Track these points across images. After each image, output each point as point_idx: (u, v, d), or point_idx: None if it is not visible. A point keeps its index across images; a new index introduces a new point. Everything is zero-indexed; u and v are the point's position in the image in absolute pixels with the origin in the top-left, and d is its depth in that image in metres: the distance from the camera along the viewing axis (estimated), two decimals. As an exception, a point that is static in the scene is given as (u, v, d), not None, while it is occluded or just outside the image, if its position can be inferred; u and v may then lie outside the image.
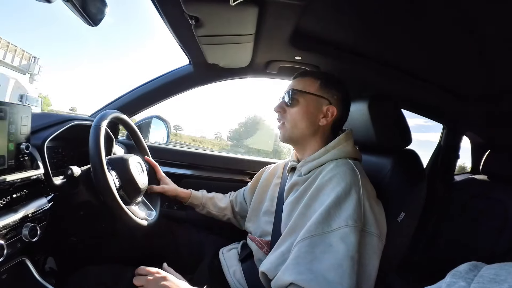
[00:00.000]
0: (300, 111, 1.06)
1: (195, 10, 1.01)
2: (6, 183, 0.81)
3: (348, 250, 0.78)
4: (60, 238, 1.20)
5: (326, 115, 1.05)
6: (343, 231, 0.80)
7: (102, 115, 1.09)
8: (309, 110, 1.05)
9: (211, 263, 1.24)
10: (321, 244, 0.81)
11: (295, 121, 1.07)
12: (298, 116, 1.06)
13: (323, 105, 1.06)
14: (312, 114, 1.05)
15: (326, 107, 1.05)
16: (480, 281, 0.39)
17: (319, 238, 0.82)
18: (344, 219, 0.82)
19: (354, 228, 0.80)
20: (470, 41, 1.06)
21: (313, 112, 1.05)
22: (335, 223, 0.82)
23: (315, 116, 1.06)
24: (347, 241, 0.79)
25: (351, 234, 0.80)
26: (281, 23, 1.16)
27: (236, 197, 1.49)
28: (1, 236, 0.78)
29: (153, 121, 1.83)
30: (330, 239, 0.81)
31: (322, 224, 0.83)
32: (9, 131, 0.82)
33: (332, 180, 0.92)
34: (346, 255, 0.78)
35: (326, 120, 1.05)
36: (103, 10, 0.90)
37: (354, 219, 0.82)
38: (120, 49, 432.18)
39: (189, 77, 1.70)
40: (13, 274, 0.91)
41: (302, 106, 1.06)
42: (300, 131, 1.07)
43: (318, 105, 1.06)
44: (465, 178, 2.13)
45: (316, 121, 1.06)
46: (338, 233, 0.81)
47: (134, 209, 1.15)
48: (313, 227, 0.84)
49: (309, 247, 0.82)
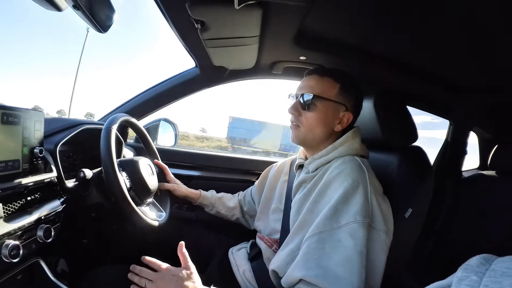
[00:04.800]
0: (317, 116, 1.04)
1: (200, 14, 1.02)
2: (21, 186, 0.83)
3: (356, 245, 0.79)
4: (72, 240, 1.22)
5: (341, 121, 1.05)
6: (352, 226, 0.81)
7: (112, 118, 1.11)
8: (327, 117, 1.04)
9: (221, 263, 1.25)
10: (330, 240, 0.82)
11: (311, 126, 1.05)
12: (315, 122, 1.05)
13: (340, 112, 1.05)
14: (330, 120, 1.05)
15: (343, 113, 1.05)
16: (492, 275, 0.39)
17: (328, 234, 0.83)
18: (353, 214, 0.82)
19: (362, 224, 0.81)
20: (475, 34, 1.05)
21: (330, 119, 1.05)
22: (343, 219, 0.83)
23: (332, 123, 1.05)
24: (355, 236, 0.80)
25: (359, 230, 0.80)
26: (285, 24, 1.17)
27: (244, 196, 1.50)
28: (17, 237, 0.80)
29: (161, 124, 1.84)
30: (339, 235, 0.82)
31: (330, 220, 0.84)
32: (23, 136, 0.84)
33: (339, 176, 0.92)
34: (355, 250, 0.78)
35: (342, 126, 1.06)
36: (111, 17, 0.92)
37: (362, 214, 0.82)
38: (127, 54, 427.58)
39: (196, 79, 1.71)
40: (27, 275, 0.93)
41: (320, 112, 1.04)
42: (315, 136, 1.06)
43: (335, 112, 1.05)
44: (473, 174, 2.11)
45: (332, 126, 1.05)
46: (346, 229, 0.81)
47: (145, 210, 1.17)
48: (322, 223, 0.85)
49: (318, 243, 0.83)
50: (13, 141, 0.81)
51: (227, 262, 1.23)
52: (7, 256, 0.74)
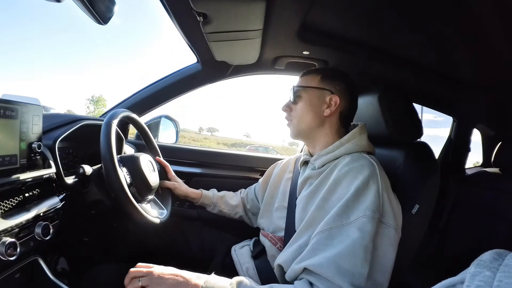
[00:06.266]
0: (304, 105, 1.08)
1: (203, 6, 1.00)
2: (19, 181, 0.81)
3: (363, 239, 0.78)
4: (72, 238, 1.21)
5: (329, 105, 1.06)
6: (361, 221, 0.80)
7: (113, 114, 1.10)
8: (312, 103, 1.07)
9: (224, 261, 1.25)
10: (339, 236, 0.81)
11: (301, 115, 1.09)
12: (303, 110, 1.09)
13: (326, 96, 1.06)
14: (316, 106, 1.07)
15: (329, 97, 1.06)
16: (505, 270, 0.38)
17: (338, 230, 0.82)
18: (362, 210, 0.82)
19: (371, 219, 0.80)
20: (479, 31, 1.05)
21: (317, 104, 1.07)
22: (353, 215, 0.82)
23: (319, 107, 1.07)
24: (363, 230, 0.79)
25: (368, 224, 0.79)
26: (288, 17, 1.16)
27: (247, 194, 1.49)
28: (14, 234, 0.78)
29: (162, 121, 1.83)
30: (348, 231, 0.81)
31: (340, 216, 0.83)
32: (21, 130, 0.82)
33: (349, 173, 0.91)
34: (361, 243, 0.78)
35: (330, 110, 1.06)
36: (111, 9, 0.90)
37: (372, 209, 0.81)
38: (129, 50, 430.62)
39: (197, 75, 1.70)
40: (26, 273, 0.91)
41: (306, 100, 1.09)
42: (306, 124, 1.08)
43: (321, 97, 1.07)
44: (477, 171, 2.10)
45: (321, 112, 1.06)
46: (356, 224, 0.80)
47: (146, 207, 1.15)
48: (331, 220, 0.84)
49: (327, 239, 0.82)
50: (10, 135, 0.79)
51: (230, 260, 1.23)
52: (3, 254, 0.72)
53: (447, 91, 1.68)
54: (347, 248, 0.78)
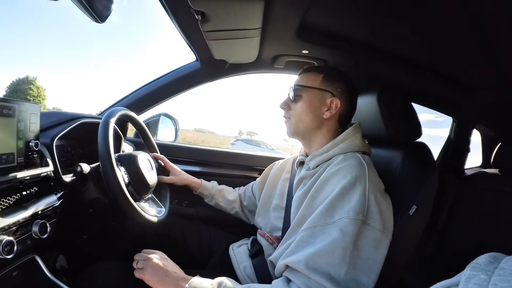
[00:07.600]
0: (304, 105, 1.07)
1: (201, 4, 1.00)
2: (16, 180, 0.81)
3: (343, 241, 0.79)
4: (71, 236, 1.21)
5: (330, 107, 1.05)
6: (343, 222, 0.81)
7: (111, 112, 1.09)
8: (313, 104, 1.06)
9: (221, 259, 1.25)
10: (322, 234, 0.82)
11: (300, 115, 1.08)
12: (303, 111, 1.07)
13: (327, 98, 1.06)
14: (316, 107, 1.06)
15: (329, 99, 1.05)
16: (501, 273, 0.38)
17: (321, 229, 0.83)
18: (346, 210, 0.82)
19: (354, 220, 0.80)
20: (480, 32, 1.04)
21: (317, 106, 1.06)
22: (337, 214, 0.83)
23: (319, 109, 1.06)
24: (344, 231, 0.80)
25: (349, 225, 0.80)
26: (287, 16, 1.15)
27: (244, 191, 1.50)
28: (12, 233, 0.78)
29: (161, 119, 1.83)
30: (330, 230, 0.82)
31: (324, 215, 0.84)
32: (18, 129, 0.82)
33: (338, 172, 0.92)
34: (340, 244, 0.78)
35: (330, 112, 1.05)
36: (109, 7, 0.90)
37: (356, 211, 0.81)
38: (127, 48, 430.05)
39: (196, 74, 1.69)
40: (24, 271, 0.91)
41: (306, 101, 1.07)
42: (305, 125, 1.07)
43: (321, 99, 1.06)
44: (476, 172, 2.09)
45: (320, 114, 1.06)
46: (338, 224, 0.81)
47: (144, 206, 1.15)
48: (316, 218, 0.85)
49: (310, 237, 0.84)
50: (7, 134, 0.79)
51: (227, 258, 1.23)
52: (0, 252, 0.72)
53: (447, 91, 1.67)
54: (326, 247, 0.79)
